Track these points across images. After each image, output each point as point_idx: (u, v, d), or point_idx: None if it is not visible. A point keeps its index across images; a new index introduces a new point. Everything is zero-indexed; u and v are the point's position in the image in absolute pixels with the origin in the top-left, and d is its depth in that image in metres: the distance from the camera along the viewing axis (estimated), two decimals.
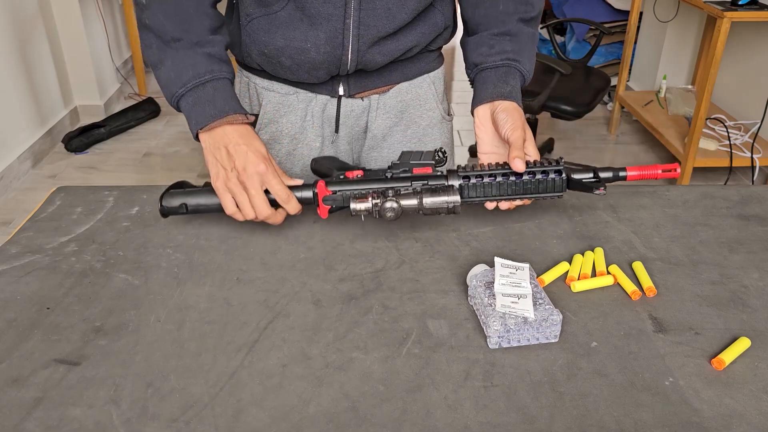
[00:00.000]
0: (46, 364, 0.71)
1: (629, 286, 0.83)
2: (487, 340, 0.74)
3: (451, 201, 0.83)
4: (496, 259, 0.79)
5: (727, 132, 2.94)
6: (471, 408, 0.66)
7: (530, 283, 0.77)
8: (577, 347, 0.74)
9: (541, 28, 3.52)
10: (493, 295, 0.76)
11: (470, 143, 3.41)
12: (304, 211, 0.91)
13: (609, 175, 0.87)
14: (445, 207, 0.83)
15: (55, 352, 0.72)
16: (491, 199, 0.88)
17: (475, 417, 0.65)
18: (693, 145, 2.76)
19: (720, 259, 0.90)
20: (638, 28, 3.65)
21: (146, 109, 3.65)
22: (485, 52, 0.98)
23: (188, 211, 0.88)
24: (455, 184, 0.86)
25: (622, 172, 0.88)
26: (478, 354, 0.73)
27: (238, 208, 0.86)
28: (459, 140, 3.47)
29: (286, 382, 0.69)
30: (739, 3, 2.54)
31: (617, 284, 0.84)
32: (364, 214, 0.84)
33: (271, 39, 0.99)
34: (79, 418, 0.64)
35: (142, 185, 1.11)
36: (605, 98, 3.92)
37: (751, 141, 2.88)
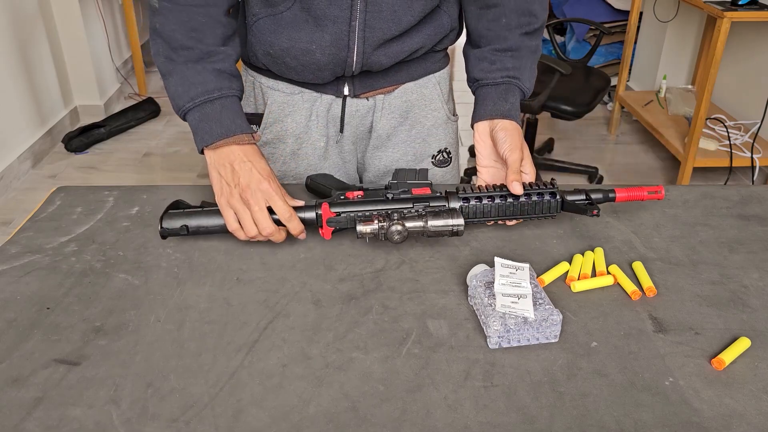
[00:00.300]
0: (46, 364, 0.71)
1: (629, 286, 0.83)
2: (487, 340, 0.74)
3: (456, 224, 0.85)
4: (496, 259, 0.79)
5: (727, 132, 2.94)
6: (471, 408, 0.66)
7: (530, 283, 0.77)
8: (577, 347, 0.74)
9: None
10: (493, 295, 0.76)
11: (470, 143, 3.41)
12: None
13: (599, 196, 0.92)
14: (449, 229, 0.85)
15: (55, 352, 0.72)
16: (489, 220, 0.91)
17: (475, 417, 0.65)
18: (693, 145, 2.76)
19: (720, 259, 0.90)
20: (638, 28, 3.65)
21: (146, 109, 3.65)
22: (486, 68, 1.00)
23: (189, 233, 0.88)
24: (456, 206, 0.88)
25: (611, 194, 0.92)
26: (478, 354, 0.73)
27: (240, 226, 0.86)
28: (459, 140, 3.47)
29: (286, 382, 0.69)
30: (739, 3, 2.54)
31: (617, 284, 0.84)
32: (369, 237, 0.85)
33: (277, 39, 0.98)
34: (79, 418, 0.64)
35: (142, 185, 1.11)
36: (605, 98, 3.92)
37: (751, 141, 2.88)
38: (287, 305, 0.80)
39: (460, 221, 0.85)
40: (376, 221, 0.84)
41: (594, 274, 0.86)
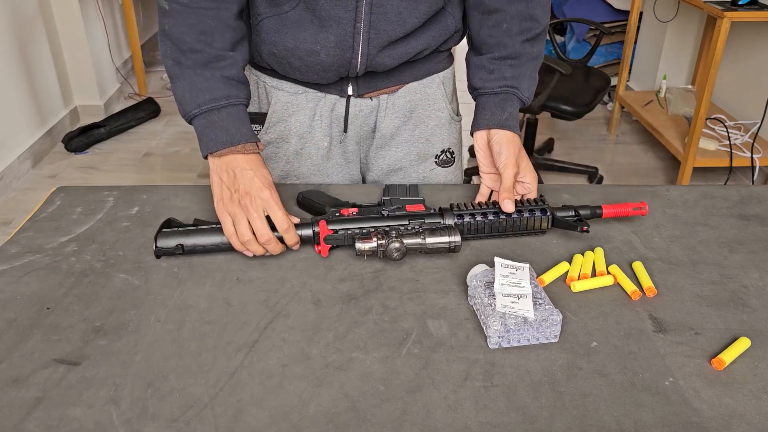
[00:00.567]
0: (46, 364, 0.71)
1: (629, 286, 0.83)
2: (487, 340, 0.74)
3: (453, 241, 0.86)
4: (496, 259, 0.79)
5: (727, 132, 2.94)
6: (471, 408, 0.66)
7: (530, 283, 0.77)
8: (577, 347, 0.74)
9: None
10: (493, 295, 0.76)
11: (470, 143, 3.41)
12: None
13: (587, 212, 0.95)
14: (447, 246, 0.86)
15: (55, 352, 0.72)
16: (483, 237, 0.93)
17: (475, 417, 0.65)
18: (693, 145, 2.76)
19: (720, 259, 0.90)
20: (638, 28, 3.65)
21: (146, 109, 3.65)
22: (484, 77, 1.01)
23: (184, 252, 0.87)
24: (452, 224, 0.90)
25: (598, 210, 0.95)
26: (478, 354, 0.73)
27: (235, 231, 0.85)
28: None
29: (286, 382, 0.69)
30: (739, 3, 2.54)
31: (617, 284, 0.85)
32: (368, 254, 0.85)
33: (281, 39, 0.98)
34: (79, 418, 0.64)
35: (142, 185, 1.11)
36: (605, 98, 3.92)
37: (751, 141, 2.88)
38: (287, 305, 0.80)
39: (458, 238, 0.86)
40: (374, 239, 0.85)
41: (594, 274, 0.86)
